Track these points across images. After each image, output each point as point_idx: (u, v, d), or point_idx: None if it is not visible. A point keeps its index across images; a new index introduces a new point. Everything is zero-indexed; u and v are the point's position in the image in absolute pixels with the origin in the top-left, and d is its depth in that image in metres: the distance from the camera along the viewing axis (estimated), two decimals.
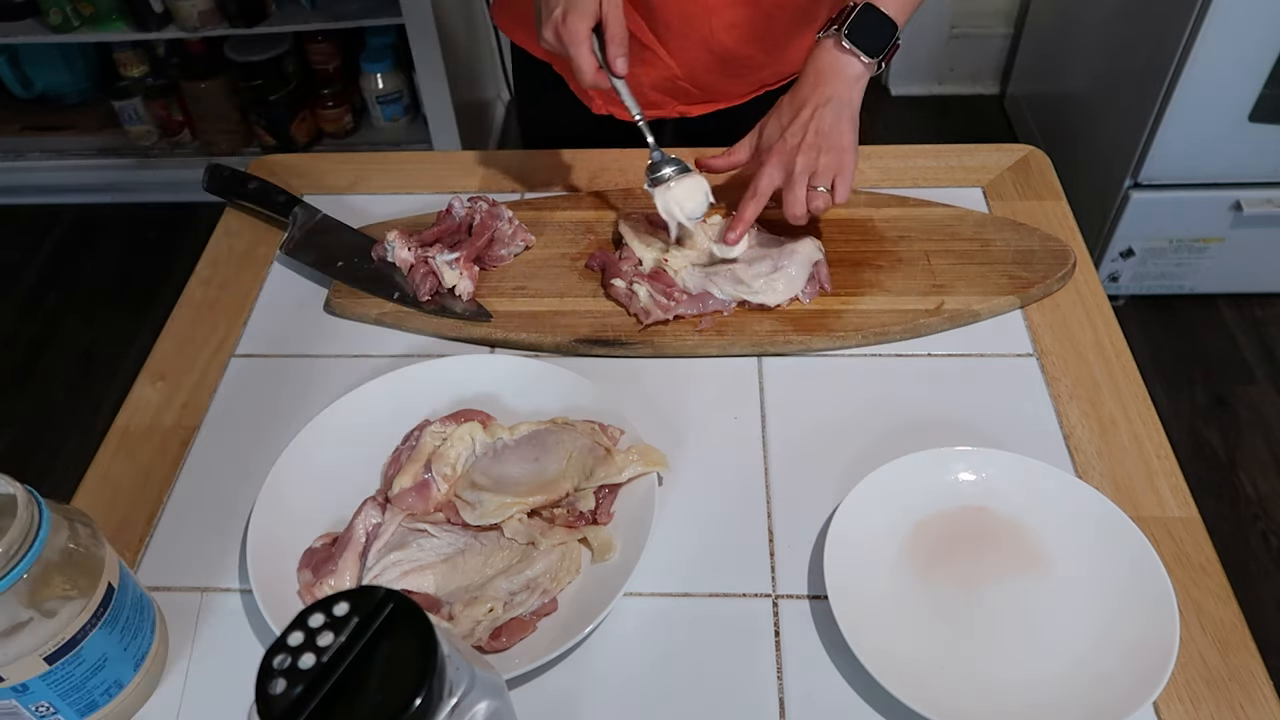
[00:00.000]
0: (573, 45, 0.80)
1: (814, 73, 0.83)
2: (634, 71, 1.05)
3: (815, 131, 0.81)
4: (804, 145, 0.81)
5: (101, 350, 2.15)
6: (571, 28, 0.79)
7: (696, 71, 1.03)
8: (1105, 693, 0.60)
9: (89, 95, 2.50)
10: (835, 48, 0.82)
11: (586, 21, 0.79)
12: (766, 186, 0.84)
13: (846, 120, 0.82)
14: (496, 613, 0.65)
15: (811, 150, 0.81)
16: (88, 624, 0.56)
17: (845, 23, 0.82)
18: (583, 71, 0.80)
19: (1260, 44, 1.63)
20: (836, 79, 0.82)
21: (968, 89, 2.70)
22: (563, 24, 0.80)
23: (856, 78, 0.82)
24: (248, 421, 0.80)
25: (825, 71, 0.82)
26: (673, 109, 1.07)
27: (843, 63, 0.82)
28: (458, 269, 0.87)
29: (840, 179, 0.82)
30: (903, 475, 0.70)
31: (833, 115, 0.81)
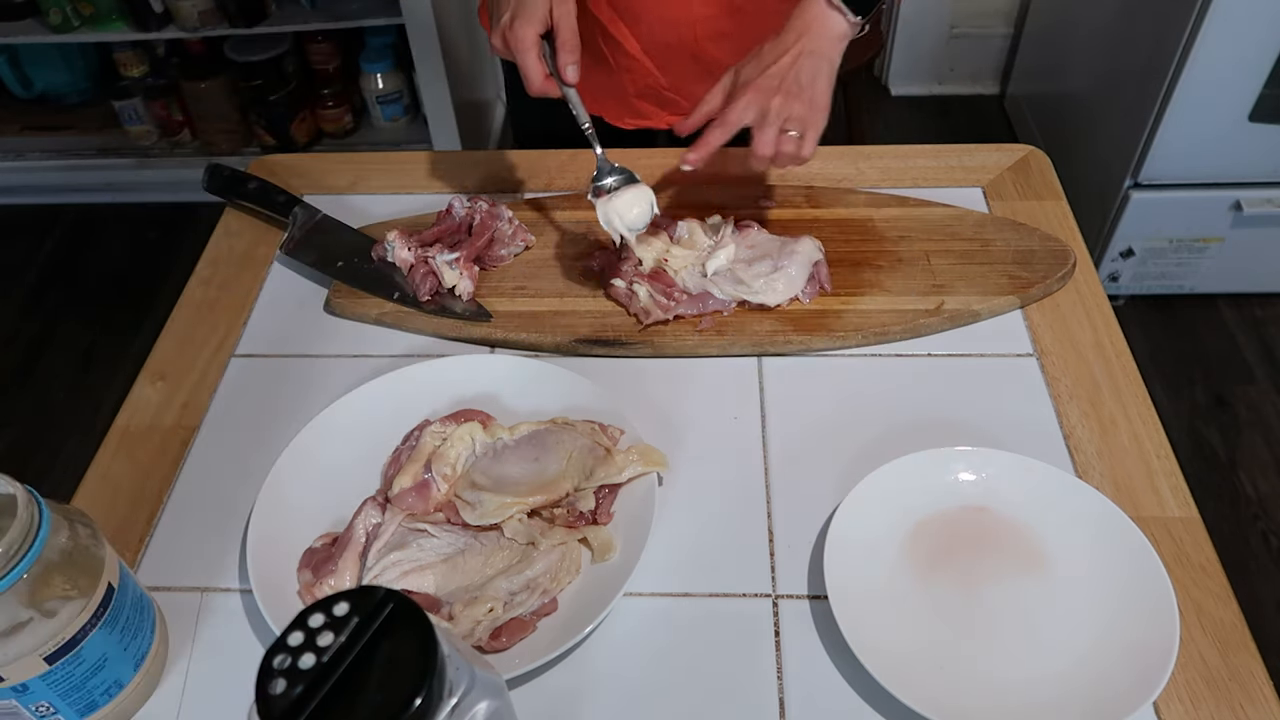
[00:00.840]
0: (520, 52, 0.79)
1: (800, 24, 0.81)
2: (619, 81, 1.04)
3: (795, 79, 0.80)
4: (782, 88, 0.79)
5: (101, 350, 2.15)
6: (519, 34, 0.78)
7: (682, 82, 1.02)
8: (1105, 693, 0.60)
9: (89, 95, 2.50)
10: (822, 2, 0.81)
11: (534, 28, 0.78)
12: (737, 119, 0.80)
13: (825, 77, 0.81)
14: (496, 613, 0.65)
15: (789, 96, 0.79)
16: (88, 624, 0.56)
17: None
18: (529, 79, 0.79)
19: (1260, 44, 1.63)
20: (820, 34, 0.81)
21: (968, 89, 2.70)
22: (510, 30, 0.78)
23: (840, 36, 0.82)
24: (248, 421, 0.80)
25: (811, 25, 0.81)
26: (660, 119, 1.06)
27: (828, 18, 0.81)
28: (458, 269, 0.87)
29: (810, 133, 0.80)
30: (903, 475, 0.70)
31: (812, 68, 0.80)
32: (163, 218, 2.46)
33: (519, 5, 0.79)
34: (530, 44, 0.78)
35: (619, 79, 1.03)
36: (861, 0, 0.81)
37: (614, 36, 0.99)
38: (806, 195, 0.97)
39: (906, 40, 2.61)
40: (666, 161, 1.01)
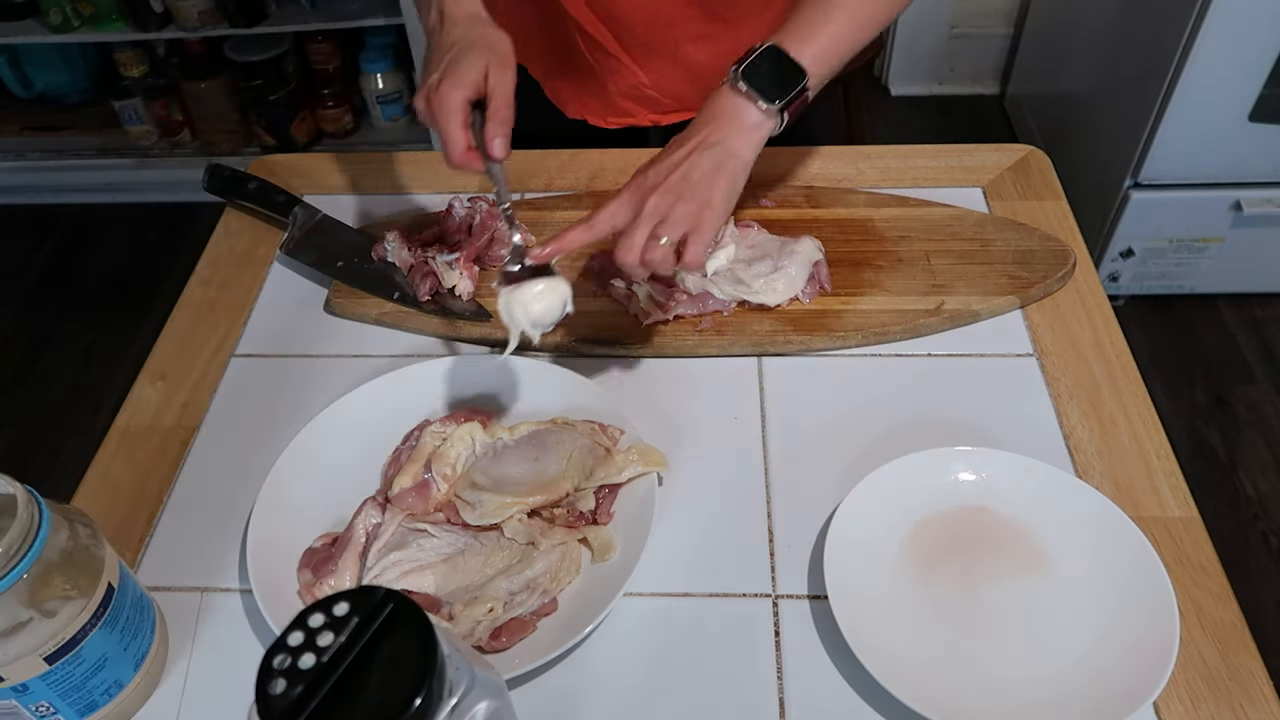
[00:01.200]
0: (443, 117, 0.71)
1: (707, 113, 0.73)
2: (603, 81, 1.03)
3: (682, 175, 0.70)
4: (664, 186, 0.69)
5: (101, 350, 2.15)
6: (444, 96, 0.71)
7: (665, 81, 1.02)
8: (1105, 693, 0.60)
9: (89, 95, 2.50)
10: (731, 89, 0.72)
11: (463, 92, 0.71)
12: (604, 221, 0.71)
13: (725, 174, 0.70)
14: (496, 613, 0.65)
15: (670, 194, 0.69)
16: (88, 624, 0.56)
17: (743, 63, 0.72)
18: (449, 148, 0.72)
19: (1260, 44, 1.63)
20: (728, 125, 0.71)
21: (968, 89, 2.70)
22: (435, 91, 0.71)
23: (752, 127, 0.72)
24: (248, 421, 0.80)
25: (717, 114, 0.72)
26: (644, 117, 1.06)
27: (737, 107, 0.72)
28: (458, 269, 0.87)
29: (694, 236, 0.69)
30: (903, 475, 0.70)
31: (710, 163, 0.70)
32: (163, 218, 2.46)
33: (450, 65, 0.72)
34: (456, 108, 0.71)
35: (600, 79, 1.02)
36: (775, 87, 0.71)
37: (594, 37, 0.98)
38: (806, 195, 0.97)
39: (906, 40, 2.61)
40: None
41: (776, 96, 0.71)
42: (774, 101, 0.71)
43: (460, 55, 0.73)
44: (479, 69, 0.72)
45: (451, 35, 0.75)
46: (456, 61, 0.72)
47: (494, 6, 1.07)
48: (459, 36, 0.75)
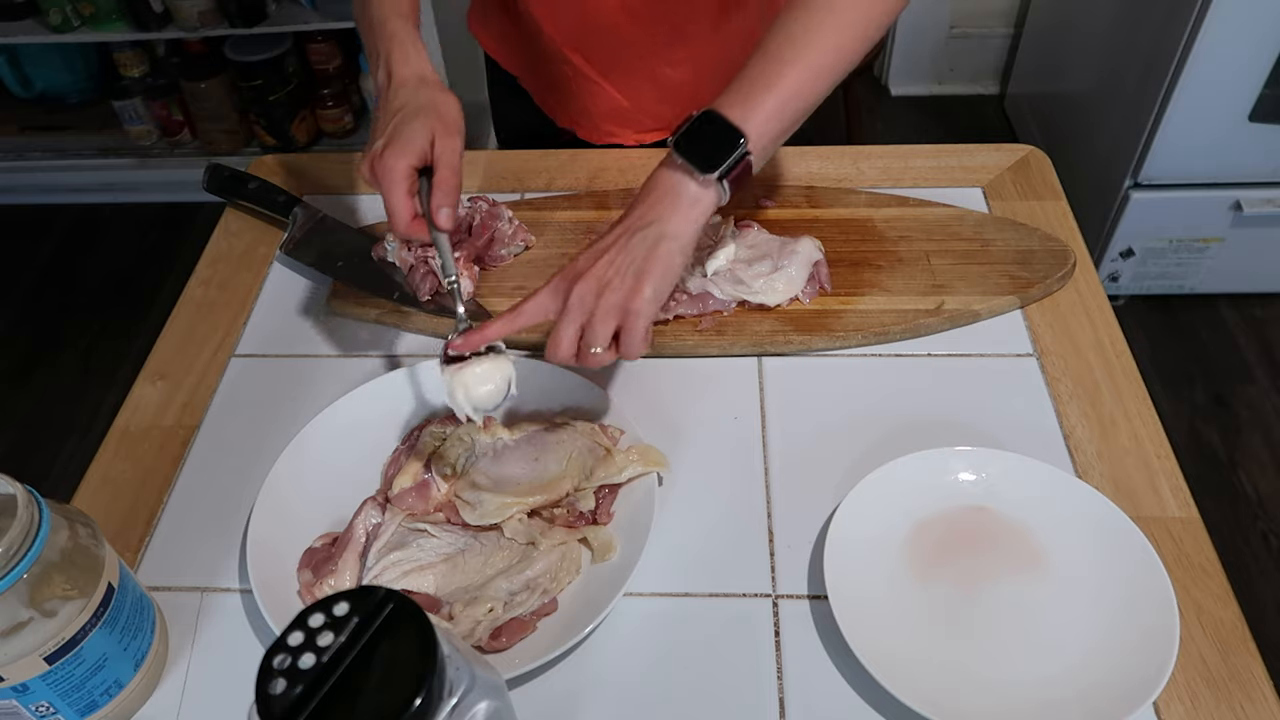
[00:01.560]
0: (387, 185, 0.69)
1: (645, 189, 0.68)
2: (583, 105, 1.03)
3: (610, 263, 0.65)
4: (590, 274, 0.65)
5: (101, 350, 2.15)
6: (388, 164, 0.69)
7: (645, 103, 1.02)
8: (1105, 693, 0.60)
9: (89, 95, 2.50)
10: (668, 161, 0.67)
11: (408, 159, 0.69)
12: (532, 312, 0.67)
13: (658, 259, 0.65)
14: (496, 613, 0.65)
15: (595, 283, 0.65)
16: (88, 624, 0.56)
17: (677, 132, 0.67)
18: (394, 217, 0.69)
19: (1260, 44, 1.63)
20: (665, 201, 0.66)
21: (968, 89, 2.70)
22: (379, 159, 0.69)
23: (691, 201, 0.66)
24: (248, 421, 0.80)
25: (654, 189, 0.67)
26: (629, 138, 1.06)
27: (673, 181, 0.67)
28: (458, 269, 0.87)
29: (625, 331, 0.65)
30: (903, 475, 0.70)
31: (642, 249, 0.65)
32: (163, 218, 2.46)
33: (394, 132, 0.70)
34: (400, 177, 0.69)
35: (583, 101, 1.03)
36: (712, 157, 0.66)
37: (573, 62, 0.99)
38: (806, 195, 0.97)
39: (906, 40, 2.61)
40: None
41: (712, 167, 0.65)
42: (710, 172, 0.65)
43: (405, 121, 0.70)
44: (425, 137, 0.70)
45: (398, 99, 0.72)
46: (401, 128, 0.70)
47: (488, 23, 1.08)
48: (405, 100, 0.72)
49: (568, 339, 0.66)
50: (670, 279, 0.66)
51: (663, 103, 1.02)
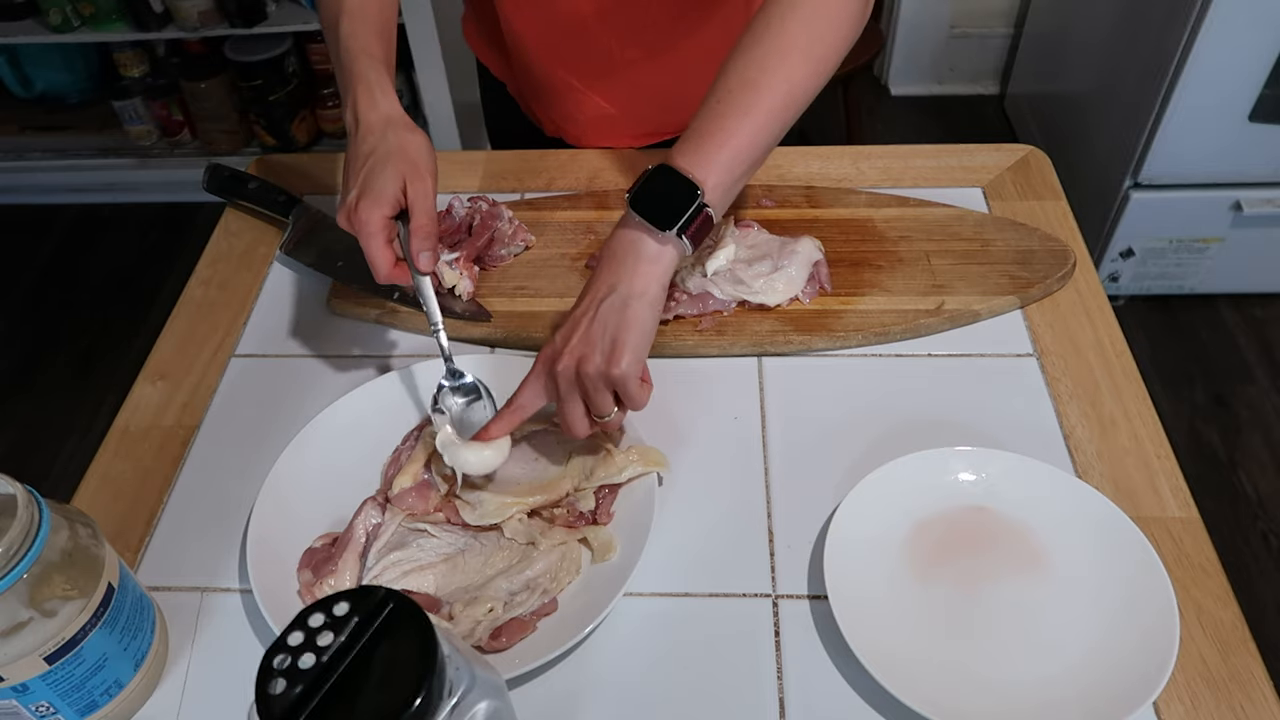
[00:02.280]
0: (365, 237, 0.69)
1: (607, 250, 0.68)
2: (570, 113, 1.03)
3: (583, 337, 0.65)
4: (568, 350, 0.65)
5: (101, 350, 2.15)
6: (363, 216, 0.69)
7: (633, 109, 1.02)
8: (1105, 693, 0.60)
9: (89, 95, 2.50)
10: (624, 221, 0.67)
11: (382, 210, 0.69)
12: (529, 402, 0.69)
13: (629, 324, 0.65)
14: (496, 613, 0.65)
15: (574, 359, 0.65)
16: (88, 624, 0.56)
17: (633, 190, 0.66)
18: (376, 266, 0.70)
19: (1260, 44, 1.63)
20: (627, 263, 0.66)
21: (968, 89, 2.70)
22: (355, 211, 0.70)
23: (651, 259, 0.66)
24: (248, 421, 0.80)
25: (615, 251, 0.67)
26: (621, 141, 1.06)
27: (632, 240, 0.66)
28: (458, 269, 0.87)
29: (622, 394, 0.66)
30: (903, 475, 0.70)
31: (613, 315, 0.65)
32: (163, 218, 2.46)
33: (367, 182, 0.70)
34: (377, 228, 0.69)
35: (569, 109, 1.03)
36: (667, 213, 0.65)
37: (557, 71, 0.99)
38: (806, 195, 0.97)
39: (906, 40, 2.61)
40: None
41: (670, 224, 0.65)
42: (668, 229, 0.65)
43: (376, 170, 0.71)
44: (396, 184, 0.70)
45: (366, 144, 0.72)
46: (373, 177, 0.70)
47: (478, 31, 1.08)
48: (374, 146, 0.72)
49: (578, 418, 0.67)
50: (646, 337, 0.66)
51: (650, 108, 1.01)
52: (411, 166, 0.71)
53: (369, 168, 0.71)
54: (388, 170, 0.70)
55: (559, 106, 1.03)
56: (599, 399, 0.66)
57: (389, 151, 0.71)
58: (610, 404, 0.67)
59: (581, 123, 1.04)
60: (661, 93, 1.00)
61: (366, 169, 0.71)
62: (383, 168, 0.71)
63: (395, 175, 0.70)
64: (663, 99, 1.00)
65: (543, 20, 0.94)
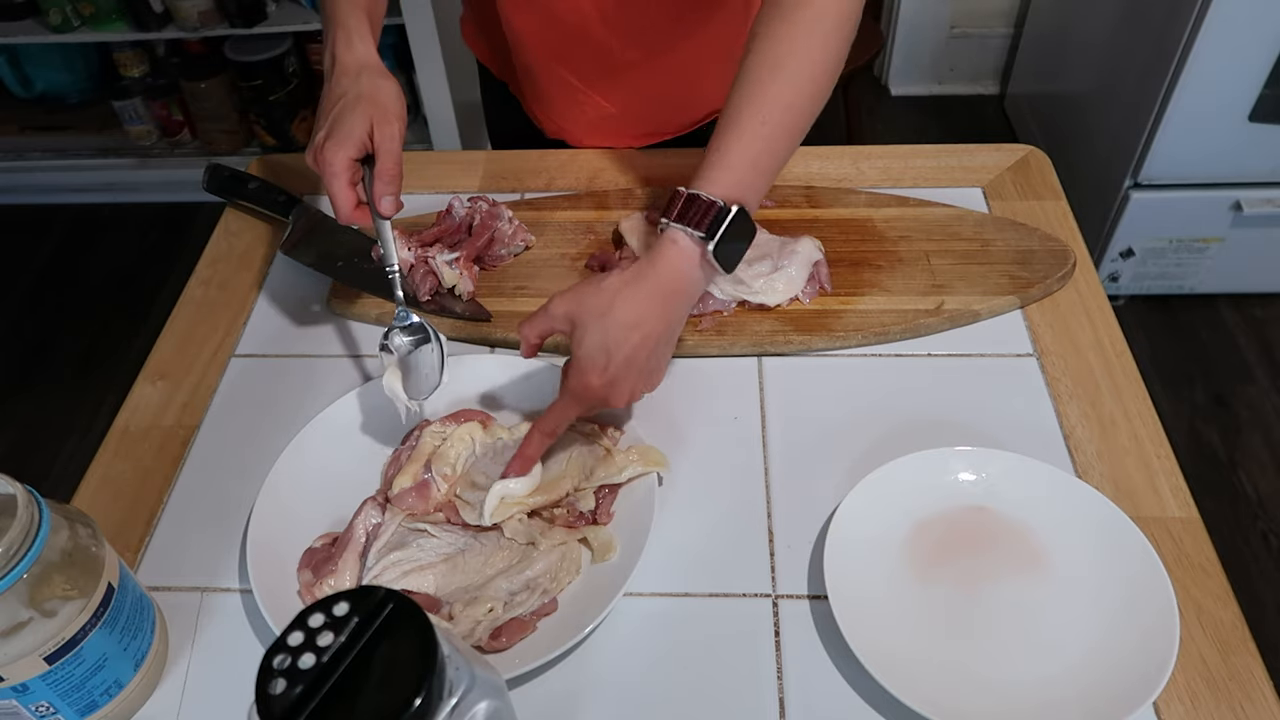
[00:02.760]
0: (328, 176, 0.70)
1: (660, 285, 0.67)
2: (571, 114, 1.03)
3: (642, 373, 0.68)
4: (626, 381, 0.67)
5: (101, 350, 2.15)
6: (328, 156, 0.70)
7: (635, 108, 1.02)
8: (1105, 693, 0.60)
9: (89, 95, 2.50)
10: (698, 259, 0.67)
11: (347, 151, 0.70)
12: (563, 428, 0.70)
13: (667, 354, 0.70)
14: (496, 613, 0.65)
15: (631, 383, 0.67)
16: (88, 624, 0.56)
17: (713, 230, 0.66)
18: (337, 207, 0.71)
19: (1260, 44, 1.63)
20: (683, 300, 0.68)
21: (968, 89, 2.70)
22: (320, 150, 0.71)
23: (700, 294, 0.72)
24: (248, 421, 0.80)
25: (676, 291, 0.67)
26: (622, 141, 1.05)
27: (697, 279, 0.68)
28: (458, 269, 0.87)
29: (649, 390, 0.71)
30: (903, 475, 0.70)
31: (666, 349, 0.69)
32: (163, 218, 2.46)
33: (335, 123, 0.71)
34: (340, 168, 0.70)
35: (571, 110, 1.03)
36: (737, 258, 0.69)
37: (558, 72, 0.99)
38: (806, 195, 0.97)
39: (906, 40, 2.61)
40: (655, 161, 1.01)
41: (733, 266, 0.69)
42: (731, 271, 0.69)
43: (345, 112, 0.71)
44: (363, 126, 0.71)
45: (339, 87, 0.73)
46: (341, 119, 0.71)
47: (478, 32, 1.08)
48: (346, 88, 0.73)
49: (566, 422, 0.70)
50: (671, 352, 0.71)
51: (651, 108, 1.01)
52: (380, 110, 0.72)
53: (339, 109, 0.72)
54: (356, 113, 0.71)
55: (559, 106, 1.03)
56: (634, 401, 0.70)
57: (359, 95, 0.72)
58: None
59: (582, 123, 1.04)
60: (662, 93, 1.00)
61: (336, 110, 0.72)
62: (352, 110, 0.71)
63: (363, 118, 0.71)
64: (663, 99, 1.00)
65: (543, 20, 0.94)
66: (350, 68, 0.74)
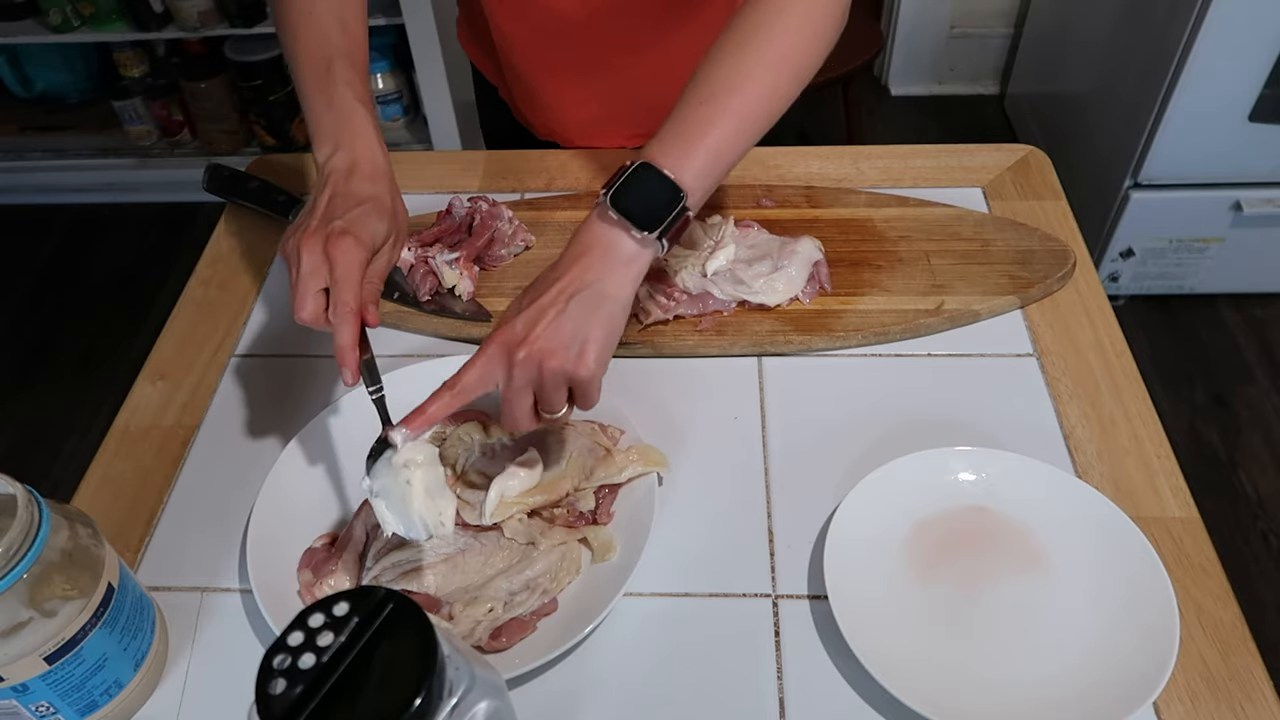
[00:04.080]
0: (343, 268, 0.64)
1: (579, 245, 0.64)
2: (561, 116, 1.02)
3: (552, 328, 0.61)
4: (530, 340, 0.61)
5: (101, 350, 2.15)
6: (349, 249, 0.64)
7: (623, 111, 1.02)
8: (1105, 693, 0.60)
9: (89, 95, 2.50)
10: (600, 216, 0.63)
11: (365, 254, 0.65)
12: (475, 384, 0.63)
13: (599, 322, 0.62)
14: (496, 613, 0.65)
15: (538, 352, 0.61)
16: (88, 624, 0.56)
17: (612, 185, 0.63)
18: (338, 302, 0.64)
19: (1260, 44, 1.63)
20: (600, 260, 0.63)
21: (968, 89, 2.70)
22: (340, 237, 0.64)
23: (628, 260, 0.63)
24: (248, 421, 0.80)
25: (590, 247, 0.63)
26: (613, 142, 1.05)
27: (610, 238, 0.63)
28: (458, 269, 0.87)
29: (578, 394, 0.64)
30: (903, 475, 0.70)
31: (584, 312, 0.62)
32: (163, 218, 2.46)
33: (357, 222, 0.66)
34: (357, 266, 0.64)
35: (560, 112, 1.03)
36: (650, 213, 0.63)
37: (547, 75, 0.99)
38: (806, 195, 0.97)
39: (906, 40, 2.61)
40: None
41: (653, 225, 0.62)
42: (651, 230, 0.62)
43: (371, 215, 0.67)
44: (381, 240, 0.67)
45: (367, 188, 0.69)
46: (365, 220, 0.66)
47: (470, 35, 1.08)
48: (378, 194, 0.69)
49: (524, 413, 0.63)
50: (614, 340, 0.64)
51: (639, 110, 1.01)
52: (398, 235, 0.70)
53: (364, 210, 0.67)
54: (382, 223, 0.68)
55: (548, 109, 1.03)
56: (554, 396, 0.63)
57: (386, 208, 0.69)
58: (564, 402, 0.64)
59: (571, 125, 1.04)
60: (650, 95, 0.99)
61: (361, 210, 0.67)
62: (379, 218, 0.68)
63: (384, 233, 0.68)
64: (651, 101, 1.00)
65: (529, 23, 0.94)
66: (383, 174, 0.71)
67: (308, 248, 0.65)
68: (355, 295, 0.64)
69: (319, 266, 0.64)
